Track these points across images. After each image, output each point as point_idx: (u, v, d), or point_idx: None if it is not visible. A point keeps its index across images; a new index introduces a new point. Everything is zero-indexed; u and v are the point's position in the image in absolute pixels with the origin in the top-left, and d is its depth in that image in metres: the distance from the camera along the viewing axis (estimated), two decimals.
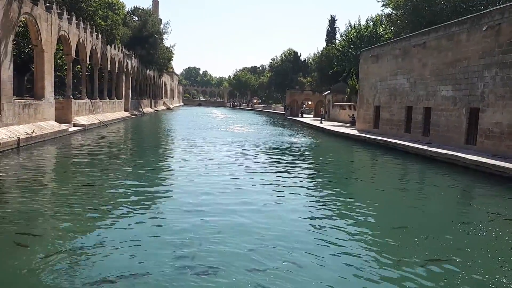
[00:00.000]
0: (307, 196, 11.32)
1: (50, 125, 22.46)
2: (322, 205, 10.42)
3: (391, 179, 15.44)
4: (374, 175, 16.53)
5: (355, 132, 30.82)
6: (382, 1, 40.11)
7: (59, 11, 25.06)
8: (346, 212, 9.71)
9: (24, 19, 20.83)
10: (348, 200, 11.21)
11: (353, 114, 41.22)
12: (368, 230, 8.35)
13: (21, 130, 18.66)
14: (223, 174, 13.73)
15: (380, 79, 29.68)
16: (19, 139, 17.69)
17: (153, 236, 7.38)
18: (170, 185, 12.18)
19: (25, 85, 32.17)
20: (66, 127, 24.37)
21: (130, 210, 9.03)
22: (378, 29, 48.60)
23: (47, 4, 22.97)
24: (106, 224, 8.07)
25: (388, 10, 40.74)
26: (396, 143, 23.02)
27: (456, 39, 21.15)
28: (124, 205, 9.43)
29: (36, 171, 13.61)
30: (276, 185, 12.36)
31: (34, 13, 20.98)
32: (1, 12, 17.43)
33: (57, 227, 7.75)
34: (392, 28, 42.65)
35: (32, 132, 19.33)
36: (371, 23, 50.91)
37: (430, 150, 19.55)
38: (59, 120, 24.53)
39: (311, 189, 12.44)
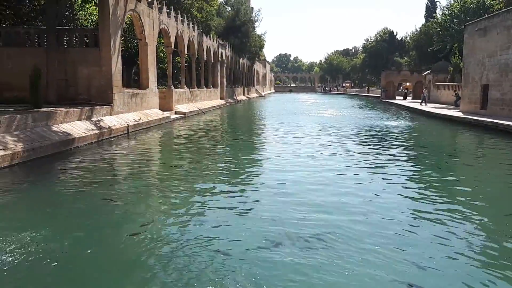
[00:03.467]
0: (409, 183, 10.76)
1: (155, 113, 24.30)
2: (426, 191, 9.88)
3: (503, 164, 14.03)
4: (482, 160, 15.16)
5: (459, 114, 28.48)
6: None
7: (159, 6, 26.77)
8: (459, 205, 9.09)
9: (129, 16, 22.64)
10: (456, 188, 10.48)
11: (456, 92, 37.95)
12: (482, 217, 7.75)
13: (129, 118, 20.49)
14: (317, 160, 13.67)
15: (489, 54, 26.91)
16: (128, 125, 19.46)
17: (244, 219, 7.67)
18: (262, 170, 12.47)
19: (132, 77, 35.14)
20: (169, 115, 26.18)
21: (224, 193, 9.48)
22: (486, 0, 44.00)
23: (149, 0, 24.67)
24: (208, 207, 8.56)
25: None
26: (508, 125, 20.79)
27: None
28: (222, 188, 9.93)
29: (143, 154, 14.91)
30: (377, 173, 12.00)
31: (138, 9, 22.69)
32: (110, 10, 19.17)
33: (161, 210, 8.44)
34: None
35: (139, 119, 21.12)
36: None
37: None
38: (162, 108, 26.44)
39: (413, 176, 11.80)
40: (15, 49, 20.18)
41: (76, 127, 15.77)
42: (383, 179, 10.73)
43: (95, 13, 25.14)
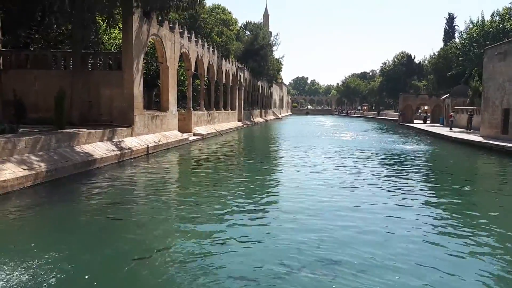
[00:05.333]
0: (426, 209, 10.64)
1: (174, 134, 24.67)
2: (444, 220, 9.74)
3: None
4: (504, 187, 14.84)
5: (480, 139, 28.04)
6: None
7: (181, 30, 27.50)
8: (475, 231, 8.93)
9: (152, 40, 23.30)
10: (475, 215, 10.30)
11: (470, 114, 37.63)
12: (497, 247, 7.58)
13: (149, 139, 20.84)
14: (333, 183, 13.64)
15: (509, 78, 26.64)
16: (148, 146, 19.79)
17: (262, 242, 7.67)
18: (280, 192, 12.50)
19: (153, 99, 35.86)
20: (187, 136, 26.53)
21: (241, 215, 9.51)
22: (505, 23, 43.77)
23: (171, 25, 25.38)
24: (219, 229, 8.60)
25: None
26: None
27: None
28: (236, 210, 9.97)
29: (161, 175, 15.11)
30: (393, 196, 11.90)
31: (160, 33, 23.36)
32: (133, 35, 19.81)
33: (173, 234, 8.52)
34: None
35: (159, 141, 21.46)
36: (497, 18, 46.04)
37: None
38: (181, 129, 26.83)
39: (431, 202, 11.66)
40: (42, 71, 20.94)
41: (98, 148, 16.12)
42: (401, 205, 10.62)
43: (119, 37, 25.97)
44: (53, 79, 20.27)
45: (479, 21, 47.19)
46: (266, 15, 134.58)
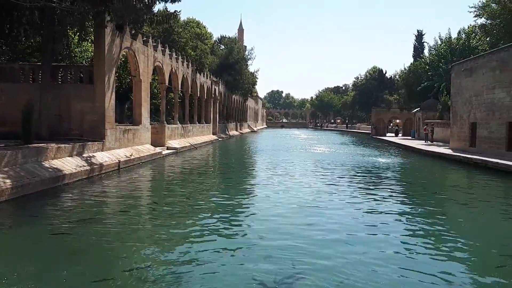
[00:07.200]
0: (399, 223, 10.75)
1: (146, 149, 24.28)
2: (418, 232, 9.86)
3: (493, 202, 14.09)
4: (473, 198, 15.21)
5: (449, 151, 28.83)
6: (475, 11, 37.73)
7: (154, 44, 27.31)
8: (447, 241, 9.07)
9: (124, 53, 23.02)
10: (445, 227, 10.47)
11: (432, 127, 39.68)
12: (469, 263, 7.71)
13: (121, 153, 20.42)
14: (309, 198, 13.67)
15: (475, 93, 27.62)
16: (119, 161, 19.37)
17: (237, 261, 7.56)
18: (253, 208, 12.40)
19: (125, 112, 35.31)
20: (160, 150, 26.16)
21: (217, 231, 9.37)
22: (471, 41, 45.61)
23: (144, 39, 25.18)
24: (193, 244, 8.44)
25: (482, 21, 38.16)
26: (497, 162, 21.08)
27: None
28: (209, 226, 9.82)
29: (132, 191, 14.77)
30: (368, 209, 12.00)
31: (133, 47, 23.12)
32: (105, 48, 19.52)
33: (145, 246, 8.30)
34: (488, 39, 39.74)
35: (131, 155, 21.05)
36: (463, 35, 47.94)
37: None
38: (154, 143, 26.44)
39: (404, 214, 11.82)
40: (9, 84, 20.30)
41: (67, 163, 15.66)
42: (375, 217, 10.72)
43: (90, 50, 25.53)
44: (20, 92, 19.68)
45: (447, 38, 49.00)
46: (240, 30, 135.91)
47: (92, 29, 20.32)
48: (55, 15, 17.97)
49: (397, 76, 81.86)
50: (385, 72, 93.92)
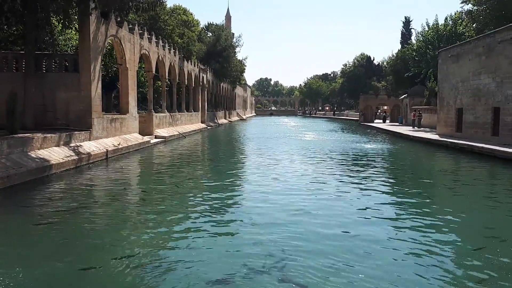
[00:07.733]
0: (388, 208, 10.90)
1: (134, 138, 24.10)
2: (405, 216, 10.01)
3: (478, 186, 14.34)
4: (459, 183, 15.46)
5: (436, 137, 29.16)
6: None
7: (141, 31, 26.93)
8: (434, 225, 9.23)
9: (110, 41, 22.66)
10: (432, 211, 10.64)
11: (419, 113, 40.70)
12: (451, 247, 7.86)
13: (109, 143, 20.25)
14: (297, 184, 13.75)
15: (462, 79, 27.88)
16: (107, 150, 19.21)
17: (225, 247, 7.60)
18: (243, 195, 12.44)
19: (112, 101, 34.90)
20: (149, 139, 25.99)
21: (205, 219, 9.40)
22: (458, 27, 45.84)
23: (130, 26, 24.79)
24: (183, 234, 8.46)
25: (468, 7, 38.31)
26: (483, 147, 21.40)
27: None
28: (199, 214, 9.85)
29: (121, 179, 14.70)
30: (356, 194, 12.12)
31: (119, 34, 22.77)
32: (90, 36, 19.18)
33: (132, 237, 8.30)
34: (474, 25, 39.98)
35: (119, 144, 20.89)
36: (450, 22, 48.13)
37: None
38: (142, 132, 26.25)
39: (392, 199, 11.99)
40: None
41: (54, 153, 15.48)
42: (363, 204, 10.84)
43: (75, 38, 25.07)
44: (3, 82, 19.27)
45: (434, 25, 49.16)
46: (228, 17, 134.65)
47: (76, 17, 19.91)
48: (38, 2, 17.57)
49: (385, 63, 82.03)
50: (373, 59, 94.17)
